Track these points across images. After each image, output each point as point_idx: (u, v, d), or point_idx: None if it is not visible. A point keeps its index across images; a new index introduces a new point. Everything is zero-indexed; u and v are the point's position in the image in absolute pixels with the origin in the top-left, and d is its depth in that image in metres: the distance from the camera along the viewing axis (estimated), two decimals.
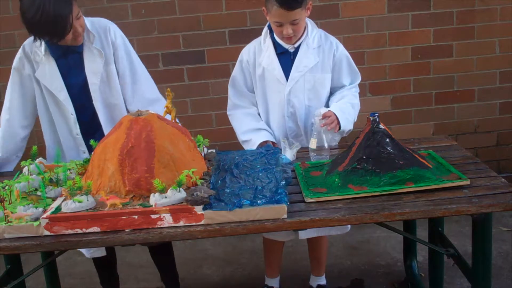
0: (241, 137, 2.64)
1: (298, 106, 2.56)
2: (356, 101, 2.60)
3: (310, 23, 2.57)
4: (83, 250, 2.63)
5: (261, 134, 2.57)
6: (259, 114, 2.66)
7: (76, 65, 2.46)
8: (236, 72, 2.66)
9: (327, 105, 2.61)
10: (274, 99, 2.59)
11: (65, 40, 2.31)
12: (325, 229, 2.59)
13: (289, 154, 2.39)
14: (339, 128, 2.47)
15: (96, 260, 2.77)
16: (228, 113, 2.71)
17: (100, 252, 2.61)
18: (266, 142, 2.52)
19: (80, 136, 2.51)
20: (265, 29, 2.60)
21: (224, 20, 3.68)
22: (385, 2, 3.72)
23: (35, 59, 2.45)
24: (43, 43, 2.41)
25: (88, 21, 2.45)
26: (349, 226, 2.68)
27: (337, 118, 2.44)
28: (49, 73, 2.44)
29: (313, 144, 2.37)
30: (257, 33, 3.62)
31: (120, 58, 2.50)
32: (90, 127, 2.50)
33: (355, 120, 2.57)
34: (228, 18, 3.68)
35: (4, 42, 3.62)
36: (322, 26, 2.99)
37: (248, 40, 3.66)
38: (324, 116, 2.40)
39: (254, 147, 2.53)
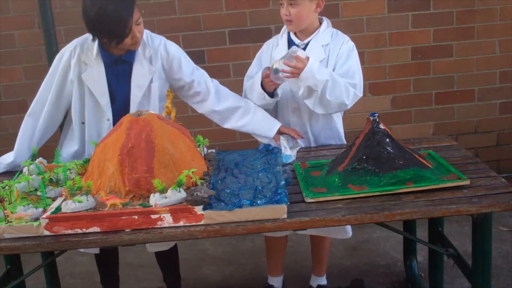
0: (245, 85, 2.65)
1: (302, 101, 2.55)
2: (343, 82, 2.42)
3: (326, 22, 2.58)
4: None
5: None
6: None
7: (124, 75, 2.48)
8: (252, 65, 2.69)
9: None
10: (282, 94, 2.59)
11: (123, 44, 2.34)
12: (325, 230, 2.59)
13: (289, 154, 2.39)
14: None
15: (97, 258, 2.76)
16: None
17: (94, 249, 2.60)
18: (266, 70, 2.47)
19: None
20: (285, 26, 2.60)
21: (224, 20, 3.68)
22: (385, 2, 3.72)
23: (84, 60, 2.45)
24: (95, 46, 2.42)
25: (146, 34, 2.49)
26: (350, 232, 2.69)
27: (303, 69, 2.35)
28: (96, 77, 2.45)
29: (276, 64, 2.37)
30: (257, 33, 3.66)
31: (185, 71, 2.55)
32: None
33: (322, 86, 2.36)
34: (228, 18, 3.68)
35: (4, 42, 3.62)
36: None
37: (248, 40, 3.70)
38: (296, 59, 2.35)
39: (259, 85, 2.48)
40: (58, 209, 1.91)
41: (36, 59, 3.64)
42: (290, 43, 2.56)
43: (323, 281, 2.88)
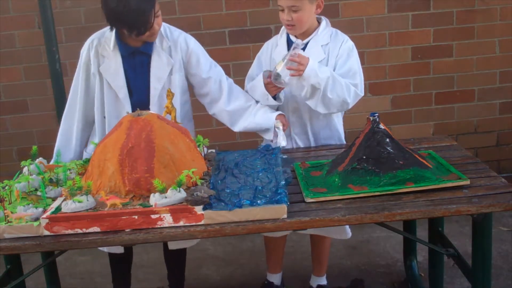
0: (247, 87, 2.65)
1: (302, 101, 2.55)
2: (344, 81, 2.43)
3: (325, 21, 2.58)
4: None
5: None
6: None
7: (142, 67, 2.47)
8: (253, 65, 2.69)
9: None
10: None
11: (141, 36, 2.33)
12: (324, 230, 2.59)
13: (282, 140, 2.41)
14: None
15: (112, 257, 2.74)
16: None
17: (117, 248, 2.59)
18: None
19: None
20: (283, 26, 2.61)
21: (224, 20, 3.68)
22: (385, 2, 3.72)
23: (102, 53, 2.45)
24: (113, 38, 2.42)
25: (164, 26, 2.47)
26: (350, 233, 2.70)
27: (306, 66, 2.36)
28: (113, 69, 2.44)
29: (279, 66, 2.37)
30: (257, 33, 3.66)
31: (202, 68, 2.54)
32: None
33: (324, 84, 2.38)
34: (228, 18, 3.68)
35: (4, 42, 3.62)
36: None
37: (248, 40, 3.70)
38: (298, 57, 2.36)
39: (262, 86, 2.48)
40: (58, 209, 1.91)
41: (36, 59, 3.64)
42: (289, 43, 2.56)
43: (323, 281, 2.88)
